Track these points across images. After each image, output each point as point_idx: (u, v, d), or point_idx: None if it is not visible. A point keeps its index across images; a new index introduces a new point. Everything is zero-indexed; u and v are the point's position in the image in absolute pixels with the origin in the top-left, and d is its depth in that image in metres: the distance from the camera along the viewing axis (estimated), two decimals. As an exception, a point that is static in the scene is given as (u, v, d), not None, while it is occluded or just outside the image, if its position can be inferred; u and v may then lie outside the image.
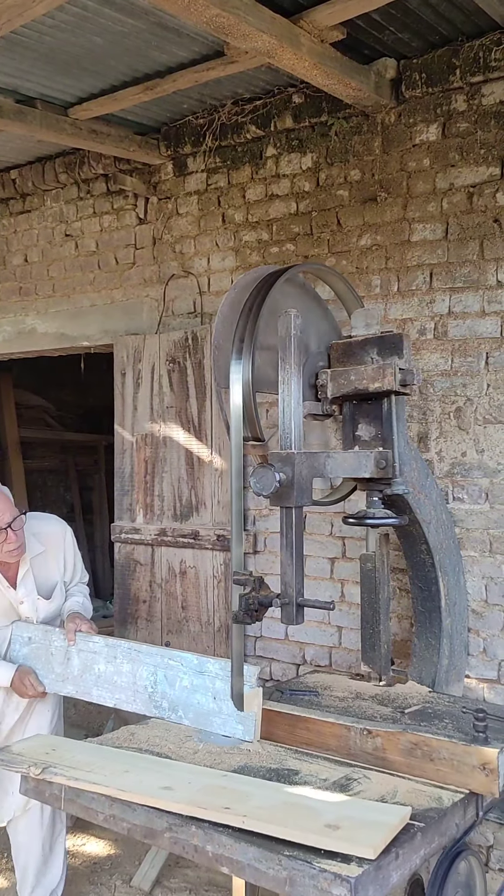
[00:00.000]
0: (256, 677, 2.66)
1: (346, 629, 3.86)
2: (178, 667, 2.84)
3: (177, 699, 2.83)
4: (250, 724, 2.63)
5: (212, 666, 2.77)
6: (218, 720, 2.71)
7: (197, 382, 4.34)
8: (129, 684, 2.95)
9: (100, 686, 3.03)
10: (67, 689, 3.12)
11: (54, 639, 3.17)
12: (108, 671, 3.00)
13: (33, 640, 3.20)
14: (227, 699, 2.67)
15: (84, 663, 3.07)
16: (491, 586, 3.40)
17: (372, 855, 1.85)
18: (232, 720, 2.68)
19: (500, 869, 3.32)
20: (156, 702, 2.88)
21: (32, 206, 5.30)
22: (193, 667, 2.81)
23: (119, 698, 2.97)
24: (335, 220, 3.88)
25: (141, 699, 2.91)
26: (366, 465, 2.76)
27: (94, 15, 3.21)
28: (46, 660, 3.17)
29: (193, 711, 2.78)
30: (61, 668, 3.13)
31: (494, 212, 3.40)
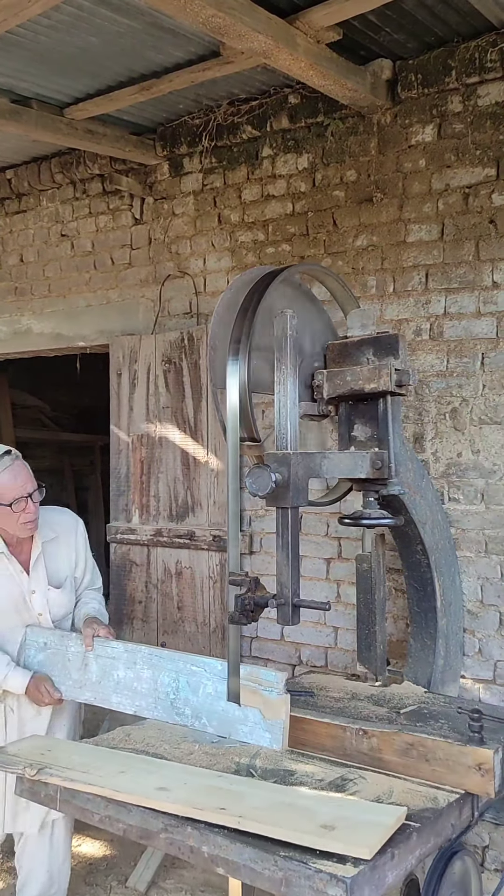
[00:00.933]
0: (283, 684, 2.57)
1: (342, 629, 3.86)
2: (201, 673, 2.74)
3: (200, 706, 2.73)
4: (278, 732, 2.56)
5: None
6: (244, 728, 2.63)
7: (193, 383, 4.34)
8: (149, 691, 2.85)
9: (119, 693, 2.92)
10: (85, 696, 3.01)
11: (71, 644, 3.05)
12: (127, 677, 2.91)
13: (49, 646, 3.09)
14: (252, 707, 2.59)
15: (102, 669, 2.97)
16: (486, 587, 3.41)
17: (367, 855, 1.85)
18: (259, 728, 2.60)
19: (495, 869, 3.33)
20: (178, 709, 2.78)
21: (28, 206, 5.29)
22: (218, 673, 2.70)
23: (139, 705, 2.87)
24: (331, 221, 3.88)
25: (162, 706, 2.81)
26: (362, 466, 2.77)
27: (89, 15, 3.21)
28: (63, 666, 3.05)
29: (218, 719, 2.69)
30: (79, 674, 3.02)
31: (490, 213, 3.41)
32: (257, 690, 2.59)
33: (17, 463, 2.95)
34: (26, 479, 2.94)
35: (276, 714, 2.55)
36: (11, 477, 2.90)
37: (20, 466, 2.96)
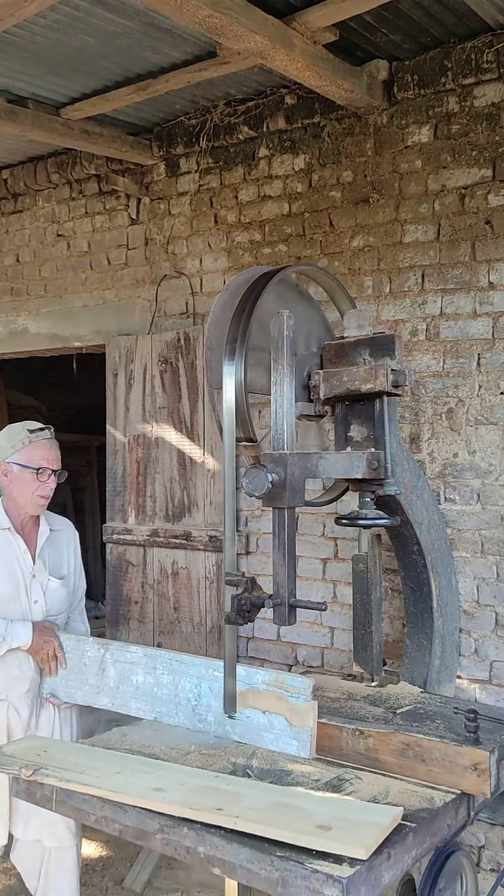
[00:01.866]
0: (310, 690, 2.51)
1: (338, 630, 3.86)
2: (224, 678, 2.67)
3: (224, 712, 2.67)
4: (305, 739, 2.50)
5: (261, 678, 2.61)
6: (270, 735, 2.57)
7: (189, 383, 4.34)
8: (170, 697, 2.79)
9: (138, 698, 2.86)
10: (102, 702, 2.94)
11: (87, 648, 2.99)
12: (146, 682, 2.84)
13: (65, 650, 3.03)
14: (278, 714, 2.55)
15: (121, 674, 2.90)
16: (483, 587, 3.41)
17: (364, 855, 1.85)
18: (286, 735, 2.54)
19: (491, 869, 3.33)
20: (199, 715, 2.73)
21: (24, 206, 5.28)
22: (241, 679, 2.64)
23: (159, 711, 2.81)
24: (327, 222, 3.88)
25: (184, 712, 2.76)
26: (358, 466, 2.77)
27: (86, 15, 3.20)
28: (79, 670, 2.99)
29: (242, 726, 2.63)
30: (96, 679, 2.95)
31: (486, 213, 3.41)
32: (283, 696, 2.53)
33: (53, 440, 3.11)
34: (56, 457, 3.09)
35: (303, 721, 2.50)
36: (47, 447, 3.06)
37: (54, 443, 3.11)
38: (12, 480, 3.03)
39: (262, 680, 2.60)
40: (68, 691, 3.03)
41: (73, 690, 3.01)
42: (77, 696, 3.00)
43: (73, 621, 3.31)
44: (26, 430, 3.07)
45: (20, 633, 2.93)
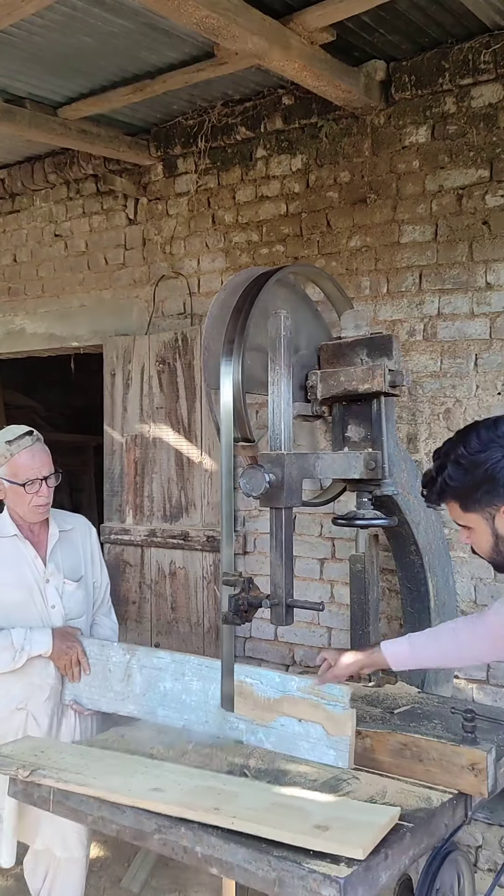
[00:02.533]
0: (349, 697, 2.42)
1: (335, 630, 3.87)
2: (257, 685, 2.60)
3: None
4: (344, 749, 2.40)
5: (296, 684, 2.53)
6: (305, 745, 2.48)
7: (187, 383, 4.34)
8: (200, 704, 2.70)
9: (166, 705, 2.77)
10: (128, 709, 2.86)
11: (112, 654, 2.92)
12: (175, 689, 2.76)
13: (88, 656, 2.96)
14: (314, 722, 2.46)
15: (147, 681, 2.82)
16: (480, 587, 3.42)
17: (361, 855, 1.85)
18: (322, 745, 2.45)
19: (488, 869, 3.33)
20: (230, 723, 2.63)
21: (21, 206, 5.28)
22: (275, 685, 2.56)
23: (188, 719, 2.73)
24: (325, 222, 3.88)
25: (214, 720, 2.67)
26: (355, 467, 2.77)
27: (83, 15, 3.20)
28: (104, 677, 2.91)
29: (276, 735, 2.55)
30: (121, 685, 2.87)
31: (483, 214, 3.41)
32: (320, 704, 2.45)
33: (37, 444, 2.95)
34: (43, 462, 2.94)
35: (341, 730, 2.41)
36: (29, 457, 2.91)
37: (40, 448, 2.96)
38: (6, 494, 2.96)
39: (297, 687, 2.52)
40: (92, 698, 2.95)
41: (97, 697, 2.93)
42: (101, 703, 2.92)
43: (99, 625, 3.22)
44: (4, 442, 2.93)
45: (40, 641, 2.87)
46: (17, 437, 2.92)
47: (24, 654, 2.84)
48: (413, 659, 2.43)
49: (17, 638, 2.85)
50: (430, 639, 2.44)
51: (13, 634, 2.85)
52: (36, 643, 2.86)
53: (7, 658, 2.84)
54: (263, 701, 2.58)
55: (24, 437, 2.93)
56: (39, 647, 2.87)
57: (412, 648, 2.42)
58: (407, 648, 2.43)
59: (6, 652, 2.84)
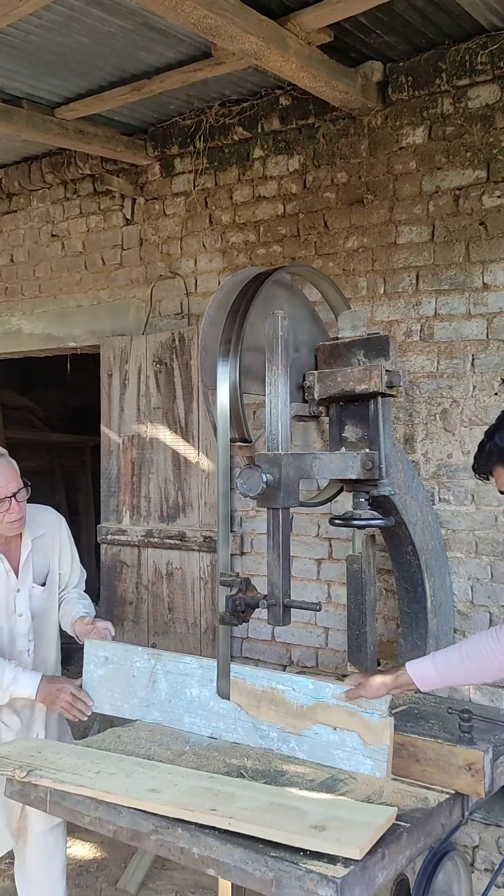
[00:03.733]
0: (388, 706, 2.36)
1: (332, 630, 3.87)
2: (289, 692, 2.53)
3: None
4: (381, 758, 2.33)
5: (330, 691, 2.45)
6: (340, 754, 2.40)
7: (184, 384, 4.34)
8: (229, 711, 2.62)
9: (193, 713, 2.70)
10: (153, 716, 2.78)
11: (137, 659, 2.82)
12: (202, 696, 2.68)
13: (111, 660, 2.87)
14: (350, 731, 2.38)
15: (173, 687, 2.74)
16: (477, 587, 3.42)
17: (358, 855, 1.85)
18: (359, 754, 2.37)
19: (485, 869, 3.33)
20: (262, 731, 2.56)
21: (18, 206, 5.28)
22: (308, 692, 2.48)
23: (216, 727, 2.65)
24: (322, 222, 3.89)
25: (244, 728, 2.60)
26: (352, 467, 2.77)
27: (80, 15, 3.20)
28: (127, 682, 2.83)
29: (309, 743, 2.47)
30: (145, 691, 2.79)
31: (480, 214, 3.42)
32: (356, 712, 2.38)
33: (1, 461, 2.90)
34: (10, 479, 2.88)
35: (378, 739, 2.34)
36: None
37: (4, 465, 2.90)
38: None
39: (332, 694, 2.44)
40: (115, 704, 2.87)
41: (119, 703, 2.85)
42: (124, 709, 2.84)
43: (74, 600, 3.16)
44: None
45: (26, 684, 2.80)
46: None
47: (8, 694, 2.82)
48: (439, 677, 2.35)
49: (6, 676, 2.80)
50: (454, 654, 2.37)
51: (5, 670, 2.81)
52: (21, 685, 2.81)
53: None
54: (296, 708, 2.51)
55: None
56: (24, 690, 2.81)
57: (436, 667, 2.34)
58: (431, 667, 2.35)
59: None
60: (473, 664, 2.32)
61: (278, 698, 2.54)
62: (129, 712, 2.83)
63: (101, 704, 2.90)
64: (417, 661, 2.39)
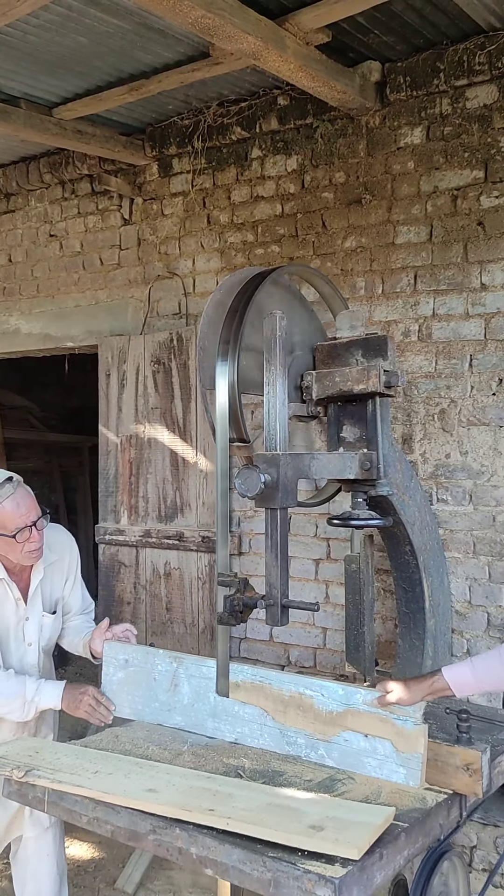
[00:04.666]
0: (422, 713, 2.29)
1: (330, 630, 3.87)
2: (318, 697, 2.45)
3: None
4: (415, 767, 2.26)
5: (361, 697, 2.38)
6: (372, 762, 2.33)
7: (182, 384, 4.34)
8: (254, 716, 2.55)
9: (217, 717, 2.63)
10: (175, 721, 2.71)
11: (158, 661, 2.74)
12: (226, 700, 2.61)
13: (131, 663, 2.80)
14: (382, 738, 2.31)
15: (196, 691, 2.67)
16: (475, 587, 3.42)
17: (356, 856, 1.85)
18: (391, 762, 2.30)
19: (483, 869, 3.34)
20: (289, 738, 2.49)
21: (16, 206, 5.27)
22: (338, 698, 2.41)
23: (241, 732, 2.58)
24: (320, 222, 3.89)
25: (270, 734, 2.53)
26: (350, 467, 2.77)
27: (78, 15, 3.20)
28: (148, 686, 2.76)
29: (338, 751, 2.40)
30: (167, 695, 2.72)
31: (478, 215, 3.42)
32: (388, 719, 2.32)
33: (19, 490, 2.75)
34: (30, 507, 2.74)
35: (412, 747, 2.27)
36: (14, 506, 2.70)
37: (23, 494, 2.76)
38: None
39: (363, 700, 2.37)
40: (135, 708, 2.80)
41: (140, 707, 2.79)
42: (145, 713, 2.78)
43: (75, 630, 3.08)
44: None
45: (50, 694, 2.74)
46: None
47: (33, 706, 2.73)
48: (477, 682, 2.31)
49: (29, 689, 2.72)
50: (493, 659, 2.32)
51: (27, 683, 2.74)
52: (46, 696, 2.73)
53: (17, 706, 2.73)
54: (325, 714, 2.44)
55: (5, 484, 2.73)
56: (48, 701, 2.74)
57: (475, 672, 2.30)
58: (469, 672, 2.31)
59: (16, 700, 2.71)
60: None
61: (306, 704, 2.47)
62: (150, 716, 2.77)
63: (120, 708, 2.83)
64: (454, 667, 2.35)
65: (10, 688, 2.71)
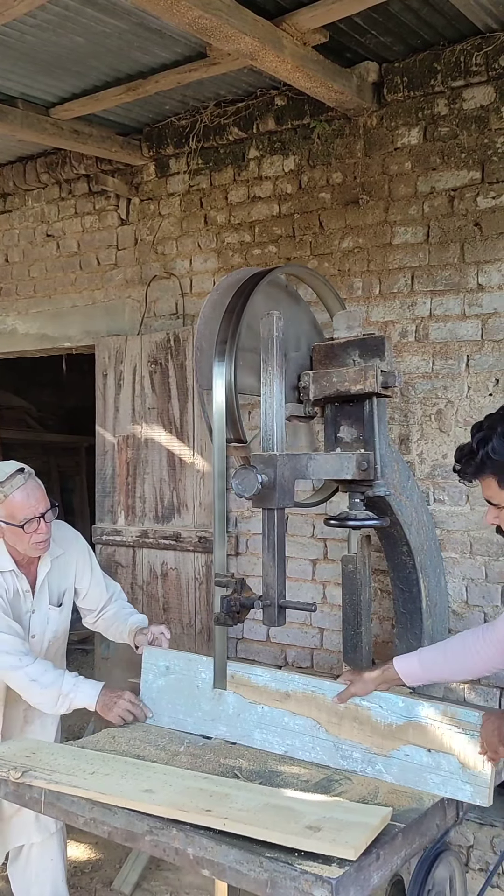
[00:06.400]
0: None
1: (327, 630, 3.87)
2: (375, 709, 2.37)
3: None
4: (483, 784, 2.16)
5: (424, 710, 2.29)
6: (435, 779, 2.24)
7: (179, 384, 4.34)
8: (306, 728, 2.47)
9: (264, 729, 2.54)
10: (219, 731, 2.64)
11: (202, 669, 2.66)
12: (274, 711, 2.52)
13: (172, 670, 2.73)
14: (445, 752, 2.23)
15: (241, 700, 2.59)
16: (471, 587, 3.42)
17: (353, 856, 1.85)
18: (456, 779, 2.20)
19: (480, 869, 3.34)
20: (343, 752, 2.40)
21: (13, 206, 5.27)
22: (398, 710, 2.33)
23: (291, 744, 2.49)
24: (317, 223, 3.89)
25: (323, 747, 2.44)
26: (347, 467, 2.77)
27: (75, 15, 3.20)
28: (190, 694, 2.69)
29: (398, 766, 2.30)
30: (211, 705, 2.65)
31: (475, 215, 3.42)
32: (454, 732, 2.23)
33: (30, 482, 2.81)
34: (39, 499, 2.81)
35: (479, 763, 2.18)
36: (24, 496, 2.76)
37: (33, 485, 2.82)
38: (4, 534, 2.82)
39: (426, 713, 2.29)
40: (175, 717, 2.75)
41: (181, 717, 2.72)
42: (186, 723, 2.71)
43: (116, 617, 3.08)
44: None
45: (87, 693, 2.72)
46: (9, 476, 2.78)
47: (67, 701, 2.71)
48: (424, 673, 2.35)
49: (66, 684, 2.71)
50: (439, 651, 2.38)
51: (65, 677, 2.73)
52: (82, 694, 2.72)
53: (50, 698, 2.72)
54: (384, 727, 2.35)
55: (16, 475, 2.79)
56: (84, 699, 2.72)
57: (422, 663, 2.35)
58: (416, 663, 2.36)
59: (52, 691, 2.71)
60: (458, 662, 2.34)
61: (363, 716, 2.39)
62: (193, 726, 2.70)
63: (159, 717, 2.77)
64: (404, 657, 2.42)
65: (47, 678, 2.71)
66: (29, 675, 2.70)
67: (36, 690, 2.72)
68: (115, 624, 3.09)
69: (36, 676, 2.70)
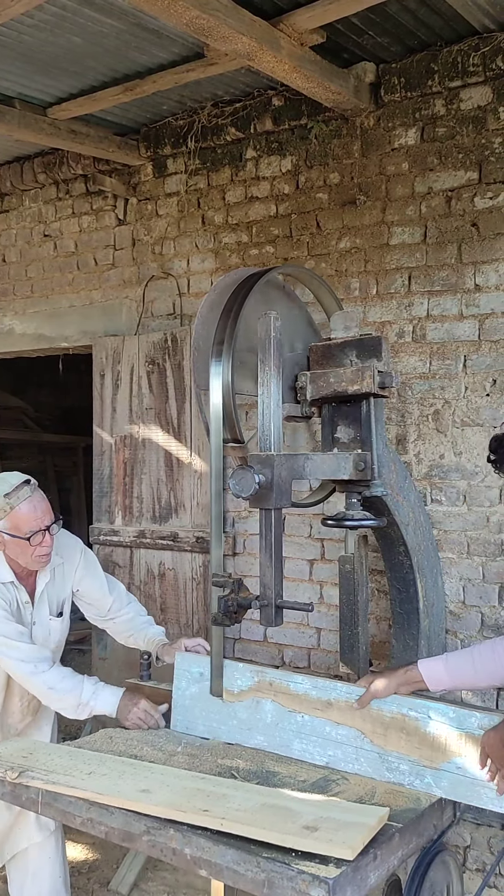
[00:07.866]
0: None
1: (324, 631, 3.87)
2: (424, 719, 2.28)
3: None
4: None
5: (477, 721, 2.20)
6: (489, 793, 2.15)
7: (176, 384, 4.34)
8: (350, 739, 2.37)
9: (304, 738, 2.44)
10: (256, 740, 2.54)
11: (237, 675, 2.58)
12: (315, 720, 2.43)
13: (206, 676, 2.66)
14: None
15: (280, 709, 2.49)
16: (468, 588, 3.43)
17: (350, 856, 1.85)
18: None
19: (477, 869, 3.34)
20: (389, 763, 2.31)
21: (10, 206, 5.26)
22: (449, 721, 2.23)
23: (333, 755, 2.40)
24: (314, 223, 3.89)
25: (368, 759, 2.34)
26: (345, 467, 2.77)
27: (73, 15, 3.20)
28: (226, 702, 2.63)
29: (448, 780, 2.21)
30: (247, 713, 2.56)
31: (472, 216, 3.43)
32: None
33: (36, 494, 2.80)
34: (45, 511, 2.78)
35: None
36: (31, 508, 2.74)
37: (39, 497, 2.80)
38: (6, 546, 2.79)
39: (478, 724, 2.20)
40: (210, 726, 2.66)
41: (216, 725, 2.64)
42: (220, 731, 2.62)
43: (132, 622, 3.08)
44: (2, 495, 2.74)
45: (107, 700, 2.72)
46: (15, 488, 2.76)
47: (87, 709, 2.71)
48: (451, 679, 2.28)
49: (86, 691, 2.71)
50: (466, 658, 2.31)
51: (85, 684, 2.73)
52: (102, 701, 2.72)
53: (69, 704, 2.72)
54: (432, 739, 2.27)
55: (23, 487, 2.77)
56: (104, 706, 2.72)
57: (448, 669, 2.29)
58: (443, 668, 2.30)
59: (70, 698, 2.71)
60: (485, 668, 2.27)
61: (411, 727, 2.30)
62: (228, 735, 2.61)
63: (193, 725, 2.69)
64: (429, 661, 2.35)
65: (67, 685, 2.72)
66: (46, 682, 2.70)
67: (54, 697, 2.72)
68: (130, 632, 3.08)
69: (53, 684, 2.70)
